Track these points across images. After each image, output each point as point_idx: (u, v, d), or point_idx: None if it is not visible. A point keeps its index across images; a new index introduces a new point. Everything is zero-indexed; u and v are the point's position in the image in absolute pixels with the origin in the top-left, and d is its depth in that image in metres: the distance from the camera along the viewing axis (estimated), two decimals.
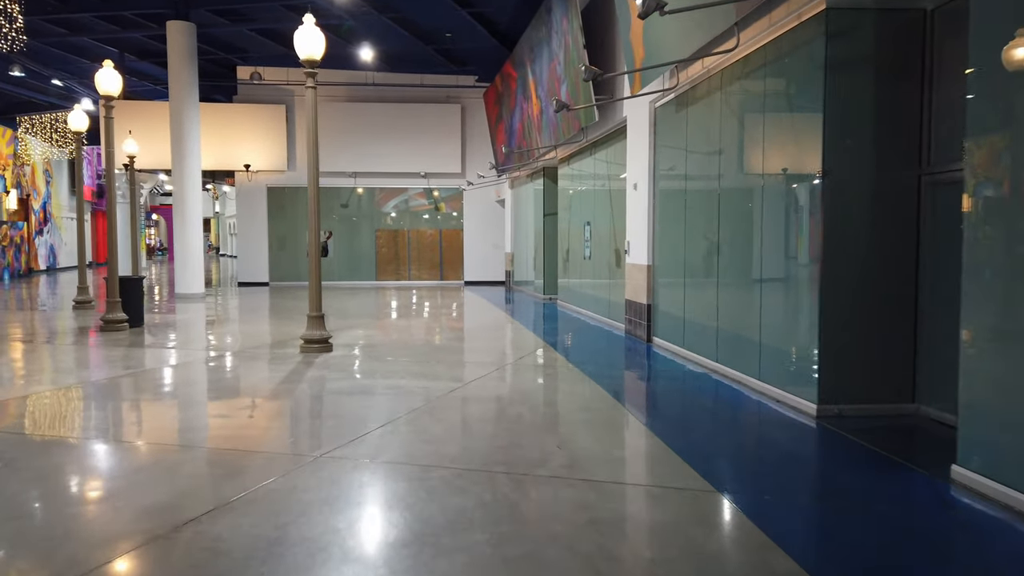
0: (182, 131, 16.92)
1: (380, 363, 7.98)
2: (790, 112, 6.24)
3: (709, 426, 5.54)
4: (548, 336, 10.61)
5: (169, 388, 6.89)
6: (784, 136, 6.32)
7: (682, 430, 5.36)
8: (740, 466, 4.54)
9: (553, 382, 7.07)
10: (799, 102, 6.07)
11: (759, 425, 5.49)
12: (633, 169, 10.18)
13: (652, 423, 5.47)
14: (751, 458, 4.73)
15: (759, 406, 5.96)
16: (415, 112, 21.74)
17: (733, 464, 4.57)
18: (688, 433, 5.29)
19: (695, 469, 4.30)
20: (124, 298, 11.14)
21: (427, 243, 22.89)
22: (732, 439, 5.18)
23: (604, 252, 12.07)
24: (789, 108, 6.26)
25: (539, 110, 14.24)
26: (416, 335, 10.47)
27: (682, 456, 4.55)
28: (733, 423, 5.60)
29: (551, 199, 16.27)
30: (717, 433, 5.35)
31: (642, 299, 9.79)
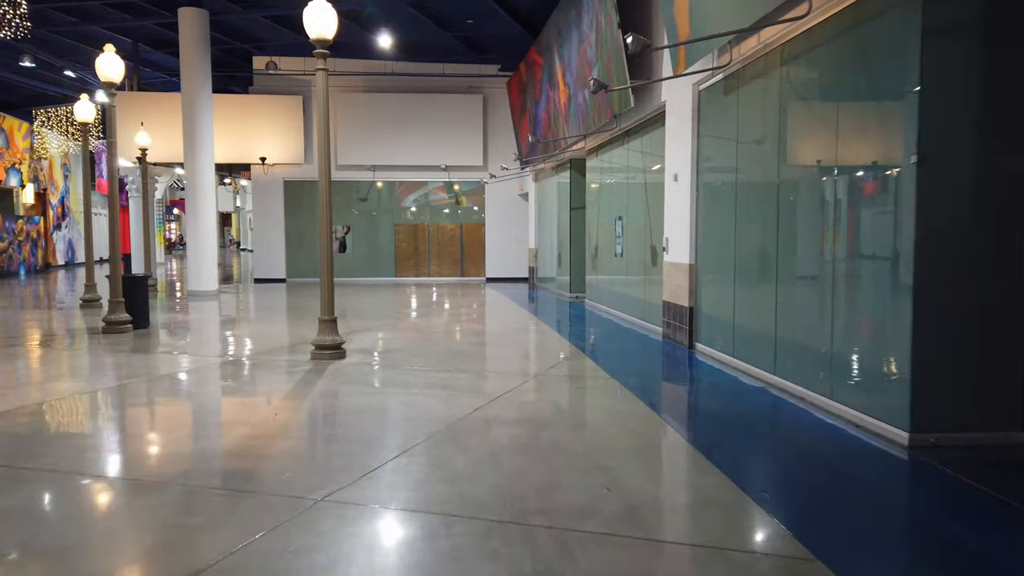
0: (195, 122, 16.30)
1: (396, 373, 7.22)
2: (874, 90, 5.36)
3: (783, 459, 4.69)
4: (579, 341, 9.80)
5: (155, 405, 6.17)
6: (865, 118, 5.45)
7: (751, 464, 4.53)
8: (834, 518, 3.70)
9: (590, 398, 6.26)
10: (887, 77, 5.18)
11: (843, 458, 4.64)
12: (673, 159, 9.32)
13: (713, 454, 4.66)
14: (844, 504, 3.89)
15: (836, 433, 5.11)
16: (435, 103, 20.97)
17: (824, 515, 3.74)
18: (759, 468, 4.46)
19: (780, 522, 3.48)
20: (128, 298, 10.51)
21: (447, 238, 22.15)
22: (814, 477, 4.34)
23: (638, 249, 11.23)
24: (872, 85, 5.37)
25: (567, 98, 13.40)
26: (436, 339, 9.71)
27: (759, 503, 3.73)
28: (810, 455, 4.76)
29: (578, 192, 15.43)
30: (794, 469, 4.51)
31: (683, 301, 8.94)
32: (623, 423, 5.39)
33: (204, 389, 6.69)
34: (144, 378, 7.01)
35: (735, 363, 7.55)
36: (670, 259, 9.40)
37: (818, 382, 5.89)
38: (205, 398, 6.29)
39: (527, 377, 7.02)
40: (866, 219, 5.35)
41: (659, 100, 9.81)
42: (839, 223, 5.68)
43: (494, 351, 8.86)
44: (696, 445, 4.79)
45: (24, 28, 12.94)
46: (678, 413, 5.90)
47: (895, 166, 4.97)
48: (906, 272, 4.80)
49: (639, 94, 10.16)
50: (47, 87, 24.69)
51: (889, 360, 5.01)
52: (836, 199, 5.73)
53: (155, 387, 6.66)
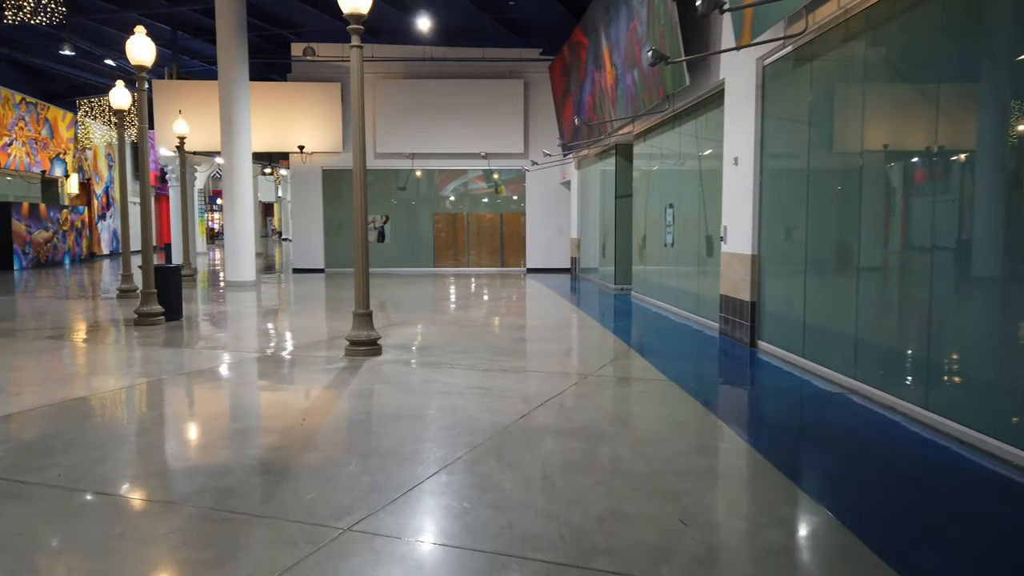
0: (231, 110, 16.01)
1: (435, 372, 6.71)
2: (990, 58, 4.61)
3: (883, 485, 4.03)
4: (628, 337, 9.17)
5: (173, 409, 5.76)
6: (977, 92, 4.70)
7: (848, 491, 3.88)
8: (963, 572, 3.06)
9: (649, 405, 5.65)
10: (1007, 44, 4.43)
11: (960, 490, 3.95)
12: (732, 142, 8.59)
13: (801, 477, 4.02)
14: (976, 554, 3.23)
15: (939, 452, 4.42)
16: (475, 89, 20.40)
17: (951, 567, 3.09)
18: (859, 497, 3.81)
19: (897, 572, 2.85)
20: (161, 289, 10.21)
21: (487, 228, 21.61)
22: (927, 511, 3.68)
23: (691, 239, 10.52)
24: (988, 53, 4.63)
25: (614, 79, 12.70)
26: (476, 334, 9.19)
27: (868, 544, 3.09)
28: (916, 480, 4.08)
29: (624, 179, 14.73)
30: (899, 499, 3.85)
31: (743, 295, 8.24)
32: (689, 436, 4.77)
33: (228, 391, 6.26)
34: (167, 376, 6.62)
35: (805, 364, 6.85)
36: (728, 249, 8.70)
37: (910, 390, 5.19)
38: (228, 401, 5.85)
39: (576, 378, 6.43)
40: (985, 206, 4.61)
41: (717, 78, 9.08)
42: (936, 211, 4.95)
43: (538, 348, 8.29)
44: (780, 466, 4.15)
45: (59, 14, 12.74)
46: (751, 424, 5.25)
47: (1019, 147, 4.23)
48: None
49: (695, 72, 9.44)
50: (90, 77, 24.83)
51: (1008, 372, 4.29)
52: (934, 185, 5.00)
53: (176, 388, 6.25)
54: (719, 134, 9.24)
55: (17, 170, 23.16)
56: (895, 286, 5.52)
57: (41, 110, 24.15)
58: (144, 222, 10.22)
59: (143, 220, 10.22)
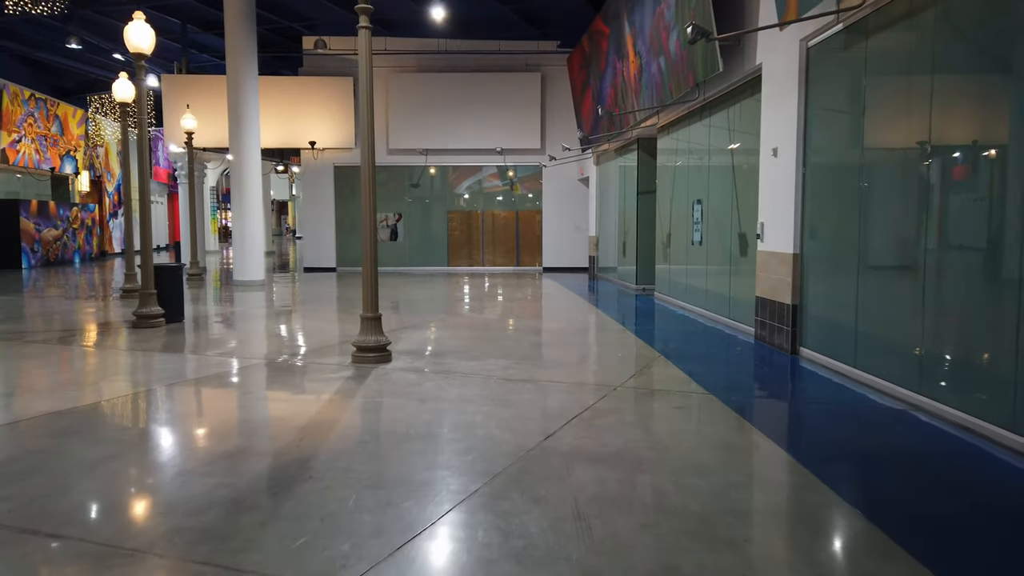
0: (240, 104, 15.51)
1: (448, 381, 6.12)
2: None
3: (988, 528, 3.39)
4: (657, 342, 8.53)
5: (154, 428, 5.20)
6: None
7: (948, 538, 3.24)
8: None
9: (689, 423, 5.02)
10: None
11: None
12: (771, 132, 7.94)
13: (882, 516, 3.39)
14: None
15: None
16: (491, 82, 19.80)
17: None
18: (963, 545, 3.17)
19: None
20: (161, 289, 9.70)
21: (502, 226, 21.02)
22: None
23: (722, 237, 9.86)
24: None
25: (637, 68, 12.05)
26: (493, 338, 8.59)
27: None
28: (1019, 522, 3.44)
29: (646, 174, 14.07)
30: (1004, 546, 3.21)
31: (784, 297, 7.58)
32: (741, 464, 4.15)
33: (219, 405, 5.70)
34: (157, 387, 6.07)
35: (857, 375, 6.19)
36: (766, 248, 8.05)
37: (992, 409, 4.53)
38: (217, 418, 5.29)
39: (605, 390, 5.82)
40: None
41: (752, 63, 8.43)
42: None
43: (561, 355, 7.68)
44: (854, 502, 3.52)
45: (61, 4, 12.30)
46: (810, 448, 4.60)
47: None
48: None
49: (728, 57, 8.78)
50: (100, 72, 24.47)
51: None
52: (1022, 179, 4.34)
53: (164, 401, 5.70)
54: (754, 124, 8.59)
55: (26, 167, 22.84)
56: (974, 291, 4.86)
57: (51, 106, 23.82)
58: (143, 219, 9.70)
59: (142, 217, 9.71)
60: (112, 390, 5.88)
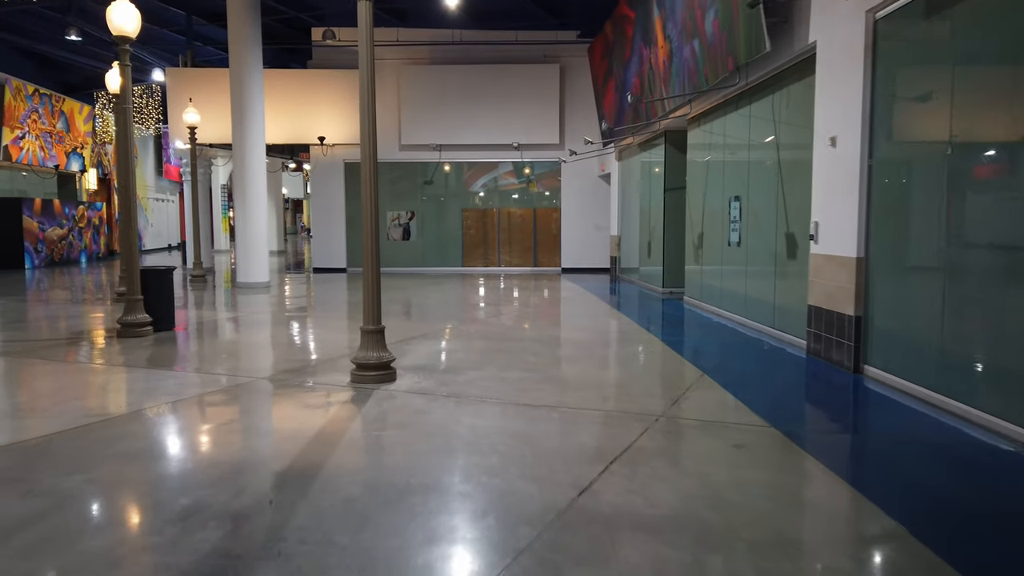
0: (243, 96, 14.73)
1: (460, 408, 5.23)
2: None
3: None
4: (695, 356, 7.59)
5: (107, 467, 4.34)
6: None
7: None
8: None
9: (758, 471, 4.08)
10: None
11: None
12: (828, 119, 6.97)
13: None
14: None
15: None
16: (507, 74, 18.89)
17: None
18: None
19: None
20: (149, 295, 8.91)
21: (519, 224, 20.12)
22: None
23: (765, 237, 8.90)
24: None
25: (667, 54, 11.10)
26: (511, 351, 7.70)
27: None
28: None
29: (675, 170, 13.12)
30: None
31: (844, 307, 6.62)
32: (839, 536, 3.22)
33: (184, 440, 4.84)
34: (119, 415, 5.24)
35: (943, 402, 5.24)
36: (821, 251, 7.09)
37: None
38: (177, 460, 4.41)
39: (645, 421, 4.90)
40: None
41: (804, 42, 7.47)
42: None
43: (588, 372, 6.77)
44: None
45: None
46: (924, 510, 3.61)
47: None
48: None
49: (774, 37, 7.83)
50: (107, 68, 23.82)
51: None
52: None
53: (124, 435, 4.85)
54: (805, 112, 7.64)
55: (30, 164, 22.24)
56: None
57: (56, 102, 23.21)
58: (126, 217, 8.92)
59: (124, 215, 8.92)
60: (66, 418, 5.05)
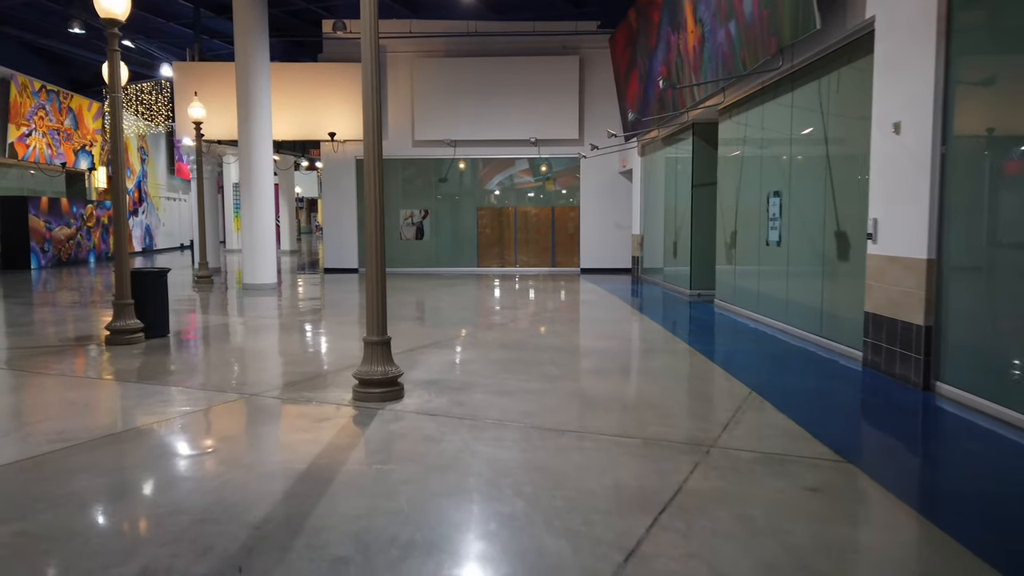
0: (249, 89, 14.11)
1: (476, 434, 4.52)
2: None
3: None
4: (739, 369, 6.80)
5: (51, 510, 3.67)
6: None
7: None
8: None
9: (845, 525, 3.31)
10: None
11: None
12: (890, 103, 6.18)
13: None
14: None
15: None
16: (525, 67, 18.16)
17: None
18: None
19: None
20: (141, 299, 8.28)
21: (536, 223, 19.39)
22: None
23: (810, 236, 8.11)
24: None
25: (698, 39, 10.32)
26: (532, 361, 6.98)
27: None
28: None
29: (704, 164, 12.34)
30: None
31: (911, 315, 5.83)
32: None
33: (150, 475, 4.15)
34: (84, 441, 4.56)
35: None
36: (880, 251, 6.30)
37: None
38: (137, 502, 3.70)
39: (695, 453, 4.16)
40: None
41: (860, 17, 6.68)
42: None
43: (622, 388, 6.03)
44: None
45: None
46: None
47: None
48: None
49: (826, 12, 7.04)
50: None
51: None
52: None
53: (77, 471, 4.18)
54: (858, 97, 6.85)
55: (37, 162, 21.81)
56: None
57: (64, 99, 22.77)
58: (117, 215, 8.29)
59: (116, 213, 8.30)
60: (27, 444, 4.38)
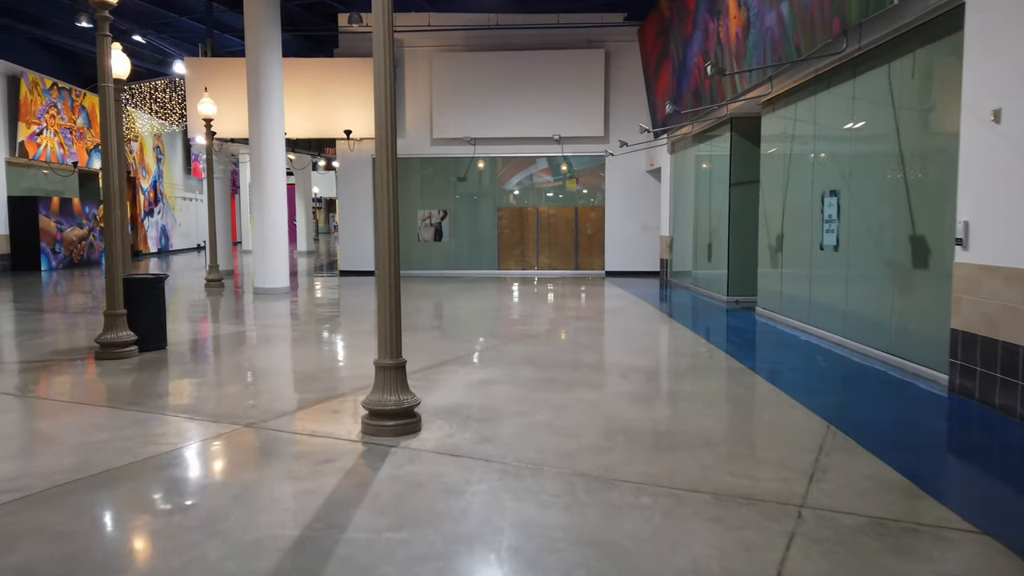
0: (260, 84, 13.44)
1: (508, 489, 3.72)
2: None
3: None
4: (807, 395, 5.91)
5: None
6: None
7: None
8: None
9: None
10: None
11: None
12: (986, 86, 5.30)
13: None
14: None
15: None
16: (548, 61, 17.34)
17: None
18: None
19: None
20: (134, 309, 7.58)
21: (559, 224, 18.55)
22: None
23: (877, 240, 7.22)
24: None
25: (742, 25, 9.45)
26: (567, 383, 6.18)
27: None
28: None
29: (743, 161, 11.46)
30: None
31: (1016, 335, 4.95)
32: None
33: (106, 544, 3.41)
34: (44, 488, 3.83)
35: None
36: (974, 259, 5.42)
37: None
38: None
39: (785, 520, 3.33)
40: None
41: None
42: None
43: (676, 422, 5.19)
44: None
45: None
46: None
47: None
48: None
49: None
50: (132, 61, 22.87)
51: None
52: None
53: (32, 526, 3.41)
54: (945, 80, 5.97)
55: (48, 162, 21.34)
56: None
57: (76, 97, 22.28)
58: (108, 216, 7.61)
59: (107, 213, 7.62)
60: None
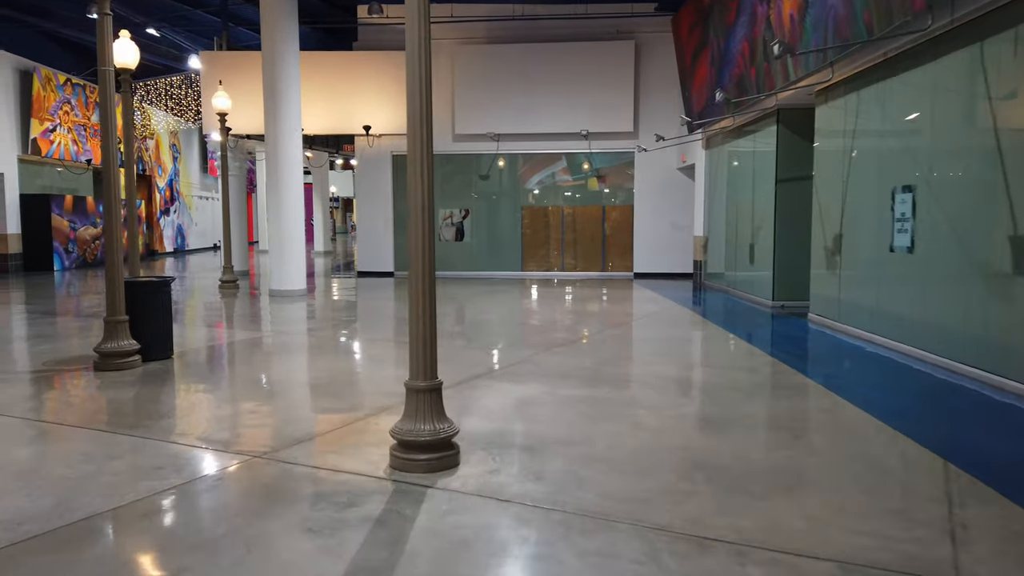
0: (275, 78, 12.80)
1: (575, 551, 2.99)
2: None
3: None
4: (904, 421, 5.11)
5: None
6: None
7: None
8: None
9: None
10: None
11: None
12: None
13: None
14: None
15: None
16: (574, 53, 16.58)
17: None
18: None
19: None
20: (139, 315, 6.94)
21: (585, 223, 17.79)
22: None
23: (964, 241, 6.41)
24: None
25: (797, 6, 8.65)
26: (618, 405, 5.45)
27: None
28: None
29: (792, 156, 10.65)
30: None
31: None
32: None
33: None
34: (3, 540, 3.16)
35: None
36: None
37: None
38: None
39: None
40: None
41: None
42: None
43: (757, 456, 4.43)
44: None
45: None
46: None
47: None
48: None
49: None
50: (148, 57, 22.36)
51: None
52: None
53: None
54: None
55: (62, 159, 20.91)
56: None
57: (90, 93, 21.83)
58: (107, 216, 6.98)
59: (106, 218, 6.99)
60: None
